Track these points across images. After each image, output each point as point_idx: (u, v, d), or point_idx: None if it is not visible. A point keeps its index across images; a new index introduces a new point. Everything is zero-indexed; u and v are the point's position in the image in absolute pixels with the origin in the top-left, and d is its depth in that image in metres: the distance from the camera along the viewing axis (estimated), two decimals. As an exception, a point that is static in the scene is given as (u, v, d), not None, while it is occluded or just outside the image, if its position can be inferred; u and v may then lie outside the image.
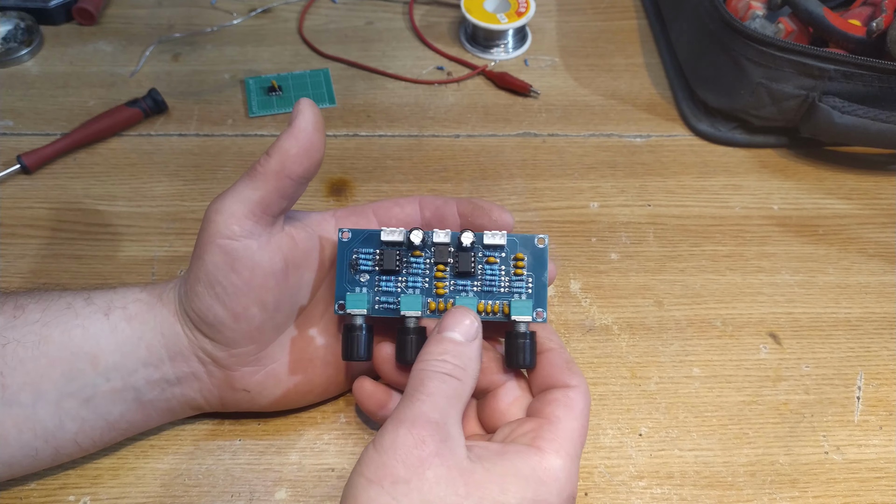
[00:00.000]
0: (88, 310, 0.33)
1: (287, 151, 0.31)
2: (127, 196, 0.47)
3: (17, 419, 0.31)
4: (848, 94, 0.45)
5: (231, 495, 0.35)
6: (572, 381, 0.31)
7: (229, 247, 0.31)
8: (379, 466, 0.27)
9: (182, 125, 0.52)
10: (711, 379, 0.39)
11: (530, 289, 0.34)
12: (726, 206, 0.48)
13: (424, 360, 0.30)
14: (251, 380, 0.35)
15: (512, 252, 0.34)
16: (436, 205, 0.36)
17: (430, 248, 0.34)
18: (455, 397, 0.29)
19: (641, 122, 0.53)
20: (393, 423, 0.28)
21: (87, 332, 0.32)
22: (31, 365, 0.31)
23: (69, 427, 0.32)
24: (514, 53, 0.57)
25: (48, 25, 0.58)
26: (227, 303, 0.32)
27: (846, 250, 0.45)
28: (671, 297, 0.43)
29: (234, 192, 0.32)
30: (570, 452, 0.29)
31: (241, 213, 0.31)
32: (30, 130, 0.51)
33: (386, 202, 0.37)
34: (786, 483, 0.36)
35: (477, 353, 0.31)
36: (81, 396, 0.32)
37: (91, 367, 0.32)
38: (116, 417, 0.33)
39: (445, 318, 0.31)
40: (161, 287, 0.34)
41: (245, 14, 0.60)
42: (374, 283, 0.34)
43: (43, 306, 0.32)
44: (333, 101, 0.54)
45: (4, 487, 0.35)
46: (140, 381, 0.33)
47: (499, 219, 0.35)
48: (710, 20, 0.49)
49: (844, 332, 0.41)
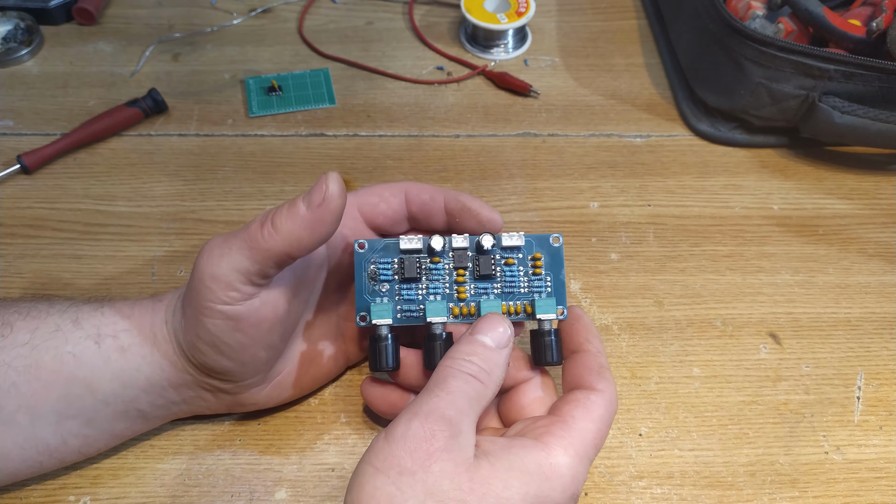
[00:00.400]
0: (78, 335, 0.31)
1: (299, 241, 0.29)
2: (127, 196, 0.47)
3: (16, 438, 0.31)
4: (848, 94, 0.45)
5: (231, 495, 0.35)
6: (599, 384, 0.31)
7: (231, 312, 0.30)
8: (387, 456, 0.26)
9: (182, 125, 0.52)
10: (711, 379, 0.39)
11: (550, 287, 0.34)
12: (726, 206, 0.48)
13: (452, 357, 0.30)
14: (258, 395, 0.35)
15: (529, 252, 0.34)
16: (422, 199, 0.35)
17: (448, 253, 0.34)
18: (475, 399, 0.29)
19: (641, 122, 0.53)
20: (407, 415, 0.27)
21: (79, 360, 0.31)
22: (24, 388, 0.30)
23: (72, 443, 0.32)
24: (514, 53, 0.57)
25: (48, 25, 0.58)
26: (233, 357, 0.31)
27: (846, 250, 0.45)
28: (671, 297, 0.43)
29: (230, 260, 0.29)
30: (578, 452, 0.28)
31: (238, 281, 0.29)
32: (30, 130, 0.51)
33: (371, 195, 0.36)
34: (786, 483, 0.36)
35: (504, 360, 0.30)
36: (83, 418, 0.32)
37: (89, 394, 0.31)
38: (121, 430, 0.33)
39: (479, 322, 0.31)
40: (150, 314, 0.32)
41: (245, 14, 0.60)
42: (394, 292, 0.34)
43: (31, 327, 0.31)
44: (333, 101, 0.54)
45: (4, 487, 0.35)
46: (143, 404, 0.33)
47: (488, 222, 0.35)
48: (710, 20, 0.49)
49: (844, 332, 0.41)
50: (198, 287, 0.30)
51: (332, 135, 0.51)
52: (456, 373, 0.29)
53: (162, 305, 0.33)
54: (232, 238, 0.30)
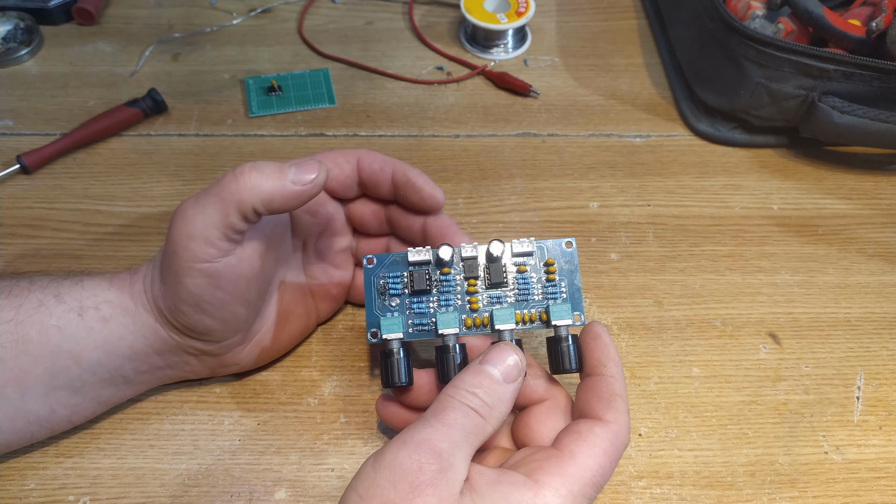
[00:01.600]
0: (60, 309, 0.32)
1: (271, 202, 0.30)
2: (127, 196, 0.47)
3: (6, 411, 0.32)
4: (847, 94, 0.45)
5: (231, 495, 0.35)
6: (607, 415, 0.29)
7: (210, 269, 0.31)
8: (371, 485, 0.26)
9: (182, 125, 0.52)
10: (711, 379, 0.39)
11: (565, 293, 0.33)
12: (726, 206, 0.48)
13: (455, 386, 0.28)
14: (239, 355, 0.36)
15: (542, 258, 0.33)
16: (373, 168, 0.36)
17: (458, 264, 0.33)
18: (473, 434, 0.27)
19: (641, 122, 0.53)
20: (397, 443, 0.26)
21: (63, 332, 0.32)
22: (12, 363, 0.31)
23: (61, 412, 0.33)
24: (514, 53, 0.57)
25: (48, 25, 0.58)
26: (215, 315, 0.32)
27: (846, 250, 0.45)
28: (671, 297, 0.43)
29: (205, 217, 0.30)
30: (572, 491, 0.27)
31: (214, 237, 0.30)
32: (30, 130, 0.51)
33: (328, 154, 0.36)
34: (785, 483, 0.36)
35: (511, 395, 0.29)
36: (70, 388, 0.33)
37: (75, 365, 0.32)
38: (108, 397, 0.34)
39: (490, 352, 0.30)
40: (128, 284, 0.33)
41: (245, 14, 0.60)
42: (405, 306, 0.33)
43: (14, 304, 0.32)
44: (333, 101, 0.54)
45: (4, 487, 0.35)
46: (128, 371, 0.34)
47: (429, 198, 0.35)
48: (710, 20, 0.49)
49: (844, 332, 0.41)
50: (174, 249, 0.31)
51: (331, 135, 0.52)
52: (457, 404, 0.28)
53: (139, 276, 0.34)
54: (203, 195, 0.31)
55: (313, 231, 0.38)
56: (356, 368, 0.40)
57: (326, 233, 0.38)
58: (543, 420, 0.31)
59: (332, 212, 0.38)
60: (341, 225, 0.39)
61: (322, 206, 0.37)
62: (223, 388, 0.38)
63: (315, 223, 0.37)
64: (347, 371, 0.39)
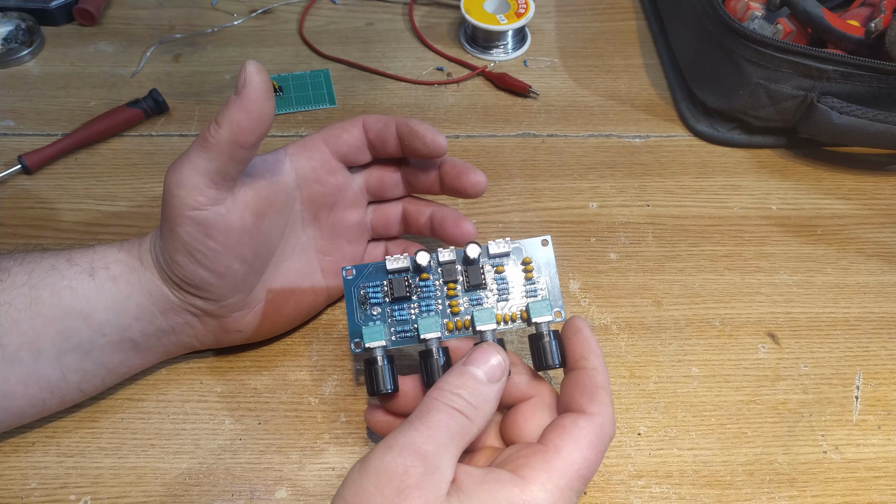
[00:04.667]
0: (72, 271, 0.33)
1: (238, 124, 0.31)
2: (128, 196, 0.47)
3: (20, 375, 0.32)
4: (846, 95, 0.45)
5: (231, 494, 0.35)
6: (590, 407, 0.29)
7: (200, 217, 0.32)
8: (358, 491, 0.26)
9: (183, 126, 0.52)
10: (710, 378, 0.40)
11: (544, 290, 0.34)
12: (725, 206, 0.48)
13: (439, 389, 0.28)
14: (243, 321, 0.37)
15: (518, 258, 0.34)
16: (377, 127, 0.37)
17: (436, 269, 0.34)
18: (458, 435, 0.27)
19: (640, 123, 0.53)
20: (382, 448, 0.26)
21: (75, 292, 0.33)
22: (26, 325, 0.32)
23: (72, 378, 0.34)
24: (514, 54, 0.58)
25: (49, 26, 0.58)
26: (209, 266, 0.33)
27: (844, 250, 0.45)
28: (670, 297, 0.43)
29: (191, 164, 0.32)
30: (559, 486, 0.27)
31: (202, 184, 0.32)
32: (31, 131, 0.51)
33: (333, 129, 0.38)
34: (784, 482, 0.36)
35: (495, 395, 0.29)
36: (80, 351, 0.33)
37: (86, 325, 0.33)
38: (116, 364, 0.35)
39: (473, 353, 0.30)
40: (136, 246, 0.35)
41: (245, 15, 0.60)
42: (386, 314, 0.34)
43: (28, 269, 0.33)
44: (334, 102, 0.54)
45: (6, 486, 0.35)
46: (135, 333, 0.34)
47: (431, 143, 0.36)
48: (709, 21, 0.49)
49: (843, 332, 0.42)
50: (167, 199, 0.32)
51: (332, 135, 0.52)
52: (441, 406, 0.28)
53: (147, 238, 0.35)
54: (189, 149, 0.32)
55: (324, 202, 0.38)
56: (357, 368, 0.40)
57: (339, 205, 0.39)
58: (530, 417, 0.31)
59: (341, 181, 0.38)
60: (353, 196, 0.39)
61: (332, 175, 0.38)
62: (224, 388, 0.39)
63: (324, 193, 0.38)
64: (348, 370, 0.40)
